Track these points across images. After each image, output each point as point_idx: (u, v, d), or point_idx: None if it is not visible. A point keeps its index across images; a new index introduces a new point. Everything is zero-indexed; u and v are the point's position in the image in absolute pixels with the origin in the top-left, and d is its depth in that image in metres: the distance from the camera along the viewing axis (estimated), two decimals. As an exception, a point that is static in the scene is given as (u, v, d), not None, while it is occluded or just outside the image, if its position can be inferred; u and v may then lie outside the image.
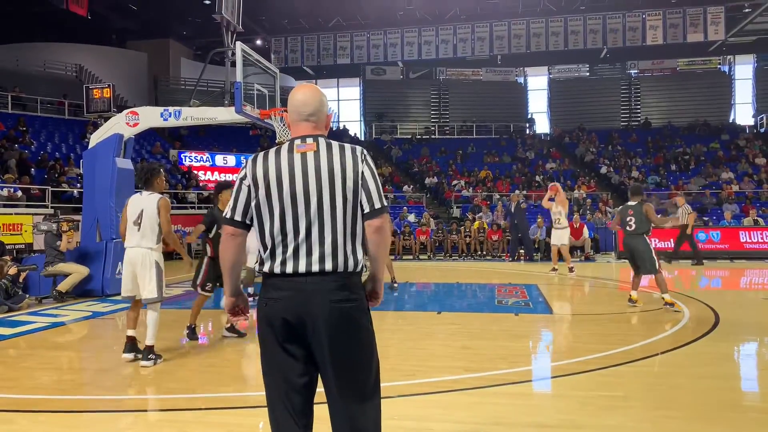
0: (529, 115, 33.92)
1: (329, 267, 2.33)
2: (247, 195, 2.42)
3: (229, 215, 2.45)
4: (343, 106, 36.08)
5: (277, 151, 2.43)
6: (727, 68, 32.86)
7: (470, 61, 31.58)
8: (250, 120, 10.38)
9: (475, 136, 30.88)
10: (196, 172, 23.44)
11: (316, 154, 2.39)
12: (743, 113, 32.17)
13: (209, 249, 6.49)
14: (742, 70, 32.66)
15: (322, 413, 2.45)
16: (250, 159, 2.47)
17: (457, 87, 34.16)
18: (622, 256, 16.08)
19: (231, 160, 24.46)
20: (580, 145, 28.45)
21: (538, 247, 16.74)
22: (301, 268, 2.33)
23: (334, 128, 34.08)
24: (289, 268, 2.34)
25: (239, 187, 2.44)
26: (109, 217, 10.00)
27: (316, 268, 2.33)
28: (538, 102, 34.64)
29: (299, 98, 2.50)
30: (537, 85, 34.94)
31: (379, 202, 2.41)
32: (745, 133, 28.65)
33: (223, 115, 10.14)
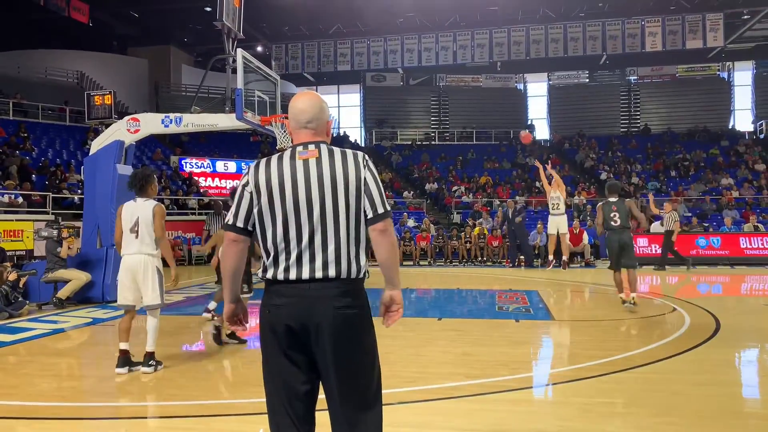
0: (529, 122, 33.96)
1: (332, 273, 2.34)
2: (249, 201, 2.42)
3: (231, 221, 2.45)
4: (344, 112, 36.15)
5: (279, 158, 2.43)
6: (726, 75, 32.94)
7: (470, 67, 31.67)
8: (251, 126, 10.41)
9: (475, 142, 30.94)
10: (196, 178, 23.46)
11: (318, 160, 2.40)
12: (742, 119, 32.25)
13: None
14: (741, 77, 32.73)
15: (324, 419, 2.45)
16: (252, 165, 2.48)
17: (457, 93, 34.24)
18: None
19: (232, 167, 24.49)
20: (580, 151, 28.50)
21: (539, 253, 16.72)
22: (305, 275, 2.34)
23: (335, 134, 34.17)
24: (293, 275, 2.34)
25: (241, 194, 2.44)
26: (109, 224, 9.97)
27: (319, 274, 2.33)
28: (537, 108, 34.70)
29: (298, 106, 2.52)
30: (536, 91, 35.00)
31: (382, 207, 2.41)
32: (745, 139, 28.70)
33: (224, 121, 10.16)
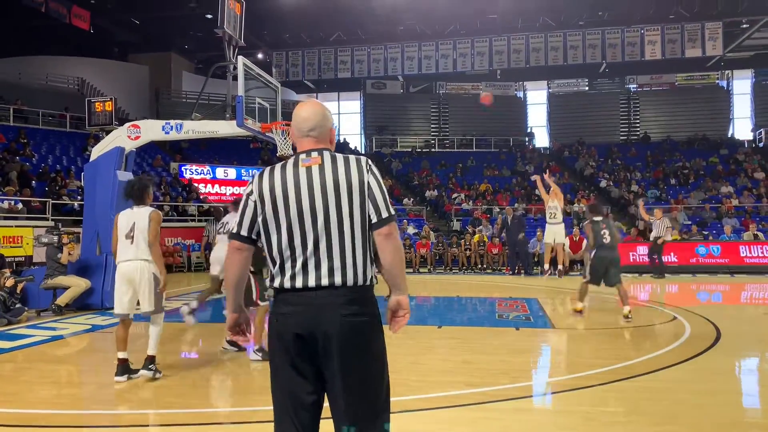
0: (529, 129, 34.04)
1: (339, 281, 2.32)
2: (254, 210, 2.43)
3: (236, 230, 2.46)
4: (344, 119, 36.18)
5: (283, 167, 2.44)
6: (725, 83, 33.03)
7: (470, 75, 31.75)
8: (252, 133, 10.41)
9: (474, 150, 30.97)
10: (196, 184, 23.46)
11: (321, 167, 2.40)
12: (742, 128, 32.30)
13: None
14: (740, 85, 32.82)
15: (328, 428, 2.44)
16: (257, 174, 2.49)
17: (457, 101, 34.31)
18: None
19: (232, 173, 24.50)
20: (580, 159, 28.53)
21: (538, 261, 16.71)
22: (311, 282, 2.33)
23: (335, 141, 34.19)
24: (299, 283, 2.34)
25: (246, 203, 2.45)
26: (109, 231, 9.89)
27: (325, 281, 2.32)
28: (537, 116, 34.76)
29: (301, 114, 2.52)
30: (536, 99, 35.08)
31: (387, 211, 2.40)
32: (744, 148, 28.73)
33: (225, 128, 10.15)
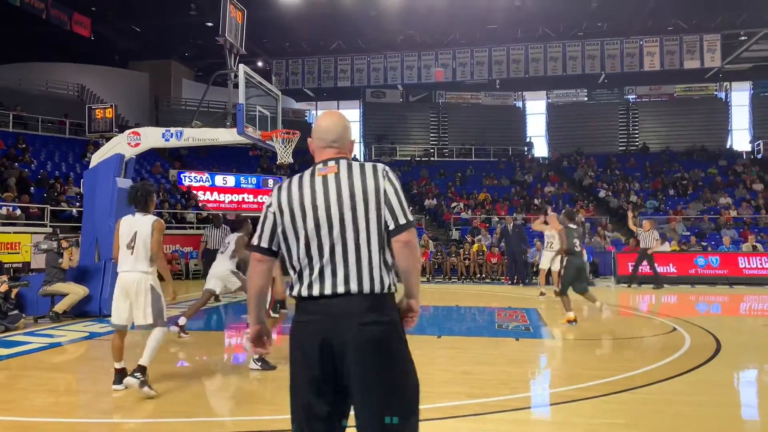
0: (528, 139, 34.12)
1: (354, 288, 2.31)
2: (273, 222, 2.45)
3: (256, 242, 2.48)
4: (343, 128, 36.23)
5: (300, 178, 2.45)
6: (723, 95, 33.19)
7: (469, 85, 31.87)
8: (252, 141, 10.41)
9: (473, 159, 31.03)
10: (195, 192, 23.45)
11: (337, 176, 2.40)
12: (740, 139, 32.44)
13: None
14: (739, 97, 32.97)
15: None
16: (276, 186, 2.51)
17: (456, 110, 34.41)
18: (622, 280, 16.10)
19: (231, 181, 24.50)
20: (579, 169, 28.59)
21: (537, 271, 16.66)
22: (327, 290, 2.32)
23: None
24: (316, 291, 2.34)
25: (266, 215, 2.47)
26: (109, 237, 9.92)
27: (341, 289, 2.31)
28: (536, 126, 34.87)
29: (323, 125, 2.53)
30: (535, 109, 35.20)
31: (404, 218, 2.38)
32: (743, 159, 28.84)
33: (225, 136, 10.15)
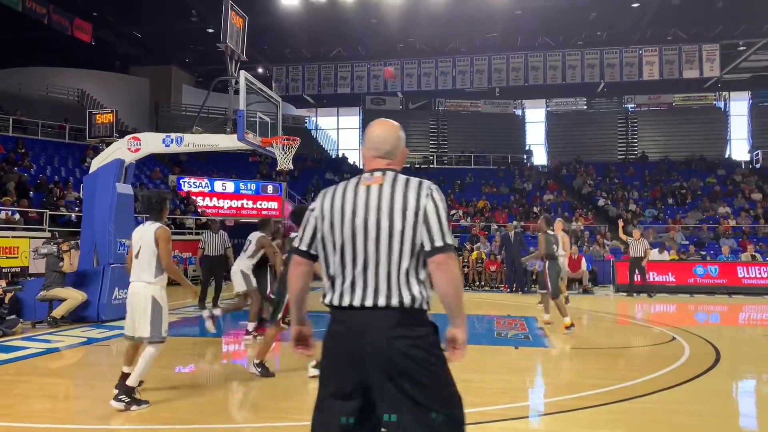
0: (527, 147, 34.19)
1: (383, 302, 2.27)
2: (314, 227, 2.45)
3: (297, 244, 2.50)
4: (343, 134, 36.36)
5: (346, 185, 2.44)
6: (722, 104, 33.31)
7: (469, 92, 31.98)
8: (252, 147, 10.41)
9: (473, 167, 31.07)
10: (194, 197, 23.43)
11: (381, 187, 2.37)
12: (739, 149, 32.56)
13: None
14: (738, 107, 33.13)
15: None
16: (323, 191, 2.50)
17: (456, 118, 34.50)
18: (621, 289, 16.09)
19: (230, 186, 24.46)
20: (578, 178, 28.63)
21: (536, 279, 16.65)
22: (356, 302, 2.30)
23: (334, 156, 34.29)
24: (346, 301, 2.32)
25: (308, 218, 2.48)
26: (107, 242, 9.95)
27: (369, 302, 2.28)
28: (535, 134, 34.98)
29: (377, 134, 2.51)
30: (535, 117, 35.31)
31: (441, 240, 2.32)
32: (741, 169, 28.90)
33: (225, 142, 10.15)
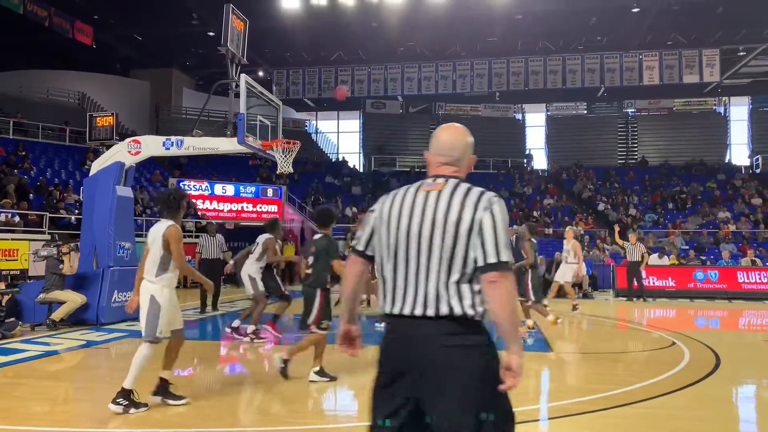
0: (527, 151, 34.21)
1: (431, 312, 2.21)
2: (372, 228, 2.45)
3: (355, 243, 2.51)
4: (343, 138, 36.38)
5: (407, 189, 2.40)
6: (722, 109, 33.35)
7: (469, 96, 32.02)
8: (252, 151, 10.42)
9: (473, 171, 30.64)
10: (194, 200, 23.42)
11: (440, 195, 2.32)
12: (739, 154, 32.59)
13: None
14: (738, 112, 33.17)
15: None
16: (387, 194, 2.48)
17: (456, 122, 34.28)
18: (620, 293, 16.06)
19: (230, 190, 24.48)
20: (578, 182, 28.64)
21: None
22: (405, 310, 2.25)
23: (334, 160, 34.30)
24: (396, 309, 2.28)
25: (369, 219, 2.47)
26: (106, 245, 9.94)
27: (419, 311, 2.23)
28: (535, 138, 35.02)
29: (445, 140, 2.48)
30: (535, 121, 35.35)
31: (495, 257, 2.20)
32: (741, 174, 28.93)
33: (225, 145, 10.16)
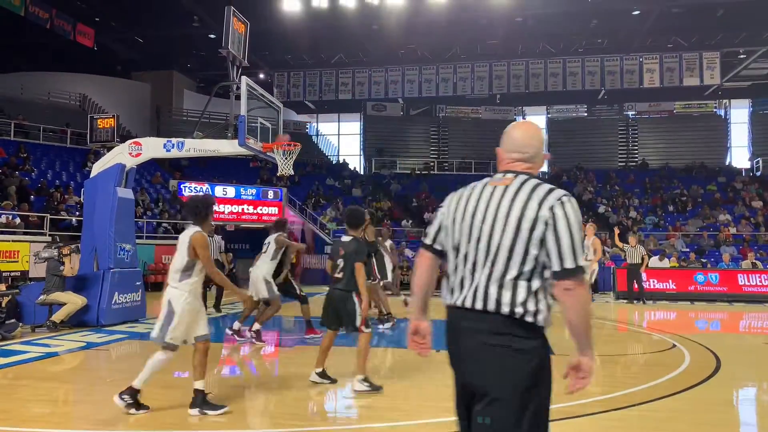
0: (528, 154, 34.17)
1: (480, 306, 2.24)
2: (440, 222, 2.48)
3: (423, 237, 2.56)
4: (344, 140, 36.38)
5: (476, 183, 2.41)
6: (722, 112, 33.34)
7: (470, 99, 32.02)
8: (253, 153, 10.43)
9: (474, 173, 31.03)
10: (195, 202, 23.40)
11: (506, 190, 2.28)
12: (739, 156, 32.56)
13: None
14: (738, 114, 33.14)
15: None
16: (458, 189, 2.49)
17: (457, 124, 34.55)
18: (621, 296, 16.06)
19: (231, 192, 24.46)
20: (578, 184, 28.63)
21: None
22: (459, 302, 2.31)
23: (334, 161, 34.31)
24: (453, 299, 2.35)
25: (437, 213, 2.51)
26: (107, 246, 9.95)
27: (469, 303, 2.27)
28: (536, 141, 34.96)
29: (518, 137, 2.42)
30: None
31: (572, 262, 2.14)
32: (742, 176, 28.92)
33: (226, 147, 10.17)
